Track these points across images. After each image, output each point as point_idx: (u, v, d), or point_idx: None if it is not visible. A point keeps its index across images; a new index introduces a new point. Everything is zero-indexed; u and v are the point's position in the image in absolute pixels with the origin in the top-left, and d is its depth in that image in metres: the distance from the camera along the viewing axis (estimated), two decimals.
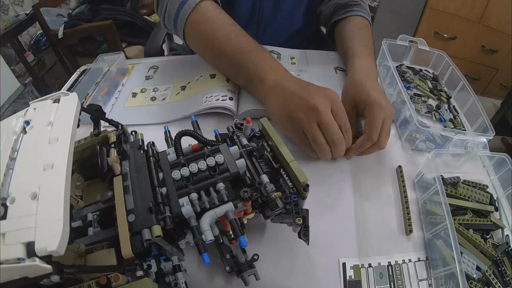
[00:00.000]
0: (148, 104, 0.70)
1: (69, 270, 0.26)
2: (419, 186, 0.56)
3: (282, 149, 0.41)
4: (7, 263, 0.23)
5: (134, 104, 0.71)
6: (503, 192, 0.56)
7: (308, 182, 0.38)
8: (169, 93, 0.72)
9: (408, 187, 0.56)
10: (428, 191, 0.52)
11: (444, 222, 0.44)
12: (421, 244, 0.50)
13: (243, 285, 0.41)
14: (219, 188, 0.37)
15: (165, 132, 0.48)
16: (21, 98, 1.99)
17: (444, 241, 0.45)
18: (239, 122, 0.48)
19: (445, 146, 0.60)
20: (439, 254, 0.45)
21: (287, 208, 0.38)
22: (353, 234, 0.50)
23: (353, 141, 0.56)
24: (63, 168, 0.28)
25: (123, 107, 0.70)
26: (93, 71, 0.76)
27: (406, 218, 0.52)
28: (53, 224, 0.24)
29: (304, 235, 0.39)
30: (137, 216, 0.33)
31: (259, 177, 0.39)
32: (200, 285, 0.44)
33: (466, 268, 0.45)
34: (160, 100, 0.71)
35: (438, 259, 0.46)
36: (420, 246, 0.49)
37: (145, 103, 0.71)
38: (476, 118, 0.64)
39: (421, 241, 0.50)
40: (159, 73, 0.80)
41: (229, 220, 0.35)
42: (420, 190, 0.56)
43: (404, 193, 0.55)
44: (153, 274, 0.34)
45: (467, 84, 0.68)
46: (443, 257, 0.44)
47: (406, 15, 2.02)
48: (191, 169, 0.37)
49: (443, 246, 0.45)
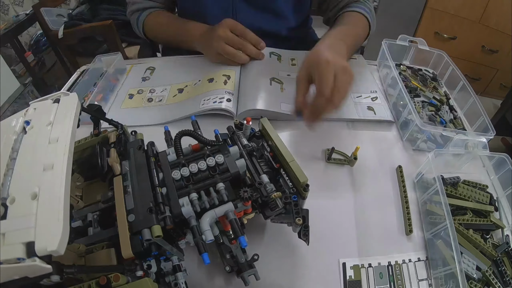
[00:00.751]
0: (145, 106, 0.70)
1: (69, 270, 0.26)
2: (419, 186, 0.56)
3: (282, 149, 0.41)
4: (7, 263, 0.23)
5: (131, 105, 0.71)
6: (503, 192, 0.56)
7: (308, 182, 0.38)
8: (166, 95, 0.72)
9: (409, 187, 0.56)
10: (428, 191, 0.52)
11: (444, 222, 0.44)
12: (421, 244, 0.50)
13: (243, 285, 0.41)
14: (219, 188, 0.37)
15: (165, 132, 0.48)
16: (21, 98, 1.99)
17: (444, 241, 0.45)
18: (239, 122, 0.48)
19: (446, 146, 0.60)
20: (439, 254, 0.45)
21: (287, 208, 0.38)
22: (353, 234, 0.50)
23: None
24: (63, 168, 0.28)
25: (120, 108, 0.70)
26: (92, 71, 0.76)
27: (406, 218, 0.52)
28: (53, 224, 0.24)
29: (304, 235, 0.39)
30: (137, 216, 0.33)
31: (259, 177, 0.39)
32: (200, 285, 0.44)
33: (466, 268, 0.45)
34: (156, 101, 0.71)
35: (438, 259, 0.46)
36: (420, 246, 0.49)
37: (142, 105, 0.71)
38: (476, 118, 0.64)
39: (421, 241, 0.50)
40: (156, 74, 0.80)
41: (229, 220, 0.35)
42: (420, 190, 0.56)
43: (404, 193, 0.55)
44: (153, 274, 0.34)
45: (467, 84, 0.68)
46: (443, 257, 0.44)
47: (406, 15, 2.02)
48: (191, 169, 0.37)
49: (443, 246, 0.45)
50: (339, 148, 0.61)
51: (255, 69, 0.74)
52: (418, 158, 0.62)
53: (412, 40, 0.79)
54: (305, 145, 0.62)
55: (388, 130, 0.67)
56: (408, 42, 0.79)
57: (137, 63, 0.84)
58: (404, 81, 0.75)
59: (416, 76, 0.79)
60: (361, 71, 0.80)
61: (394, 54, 0.75)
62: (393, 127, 0.68)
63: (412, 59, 0.83)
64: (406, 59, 0.83)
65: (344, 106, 0.68)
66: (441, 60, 0.77)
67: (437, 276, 0.45)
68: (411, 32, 2.06)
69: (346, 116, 0.67)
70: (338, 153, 0.61)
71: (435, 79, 0.79)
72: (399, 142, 0.65)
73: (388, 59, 0.72)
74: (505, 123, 1.74)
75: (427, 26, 2.03)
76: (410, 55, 0.82)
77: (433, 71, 0.82)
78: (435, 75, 0.81)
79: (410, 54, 0.82)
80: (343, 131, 0.66)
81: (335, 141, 0.61)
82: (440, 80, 0.79)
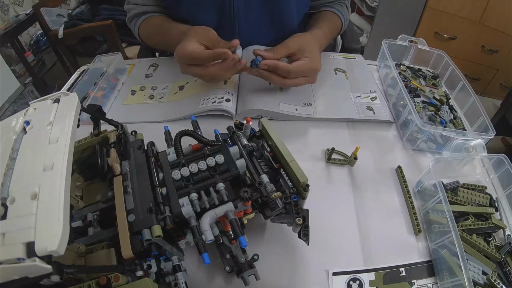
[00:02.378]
0: (146, 102, 0.71)
1: (69, 270, 0.26)
2: (420, 195, 0.56)
3: (282, 149, 0.41)
4: (7, 263, 0.23)
5: (133, 102, 0.71)
6: (503, 192, 0.56)
7: (308, 182, 0.38)
8: (167, 92, 0.73)
9: (410, 187, 0.56)
10: (431, 200, 0.51)
11: (450, 234, 0.43)
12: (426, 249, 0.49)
13: (243, 285, 0.41)
14: (219, 188, 0.37)
15: (165, 132, 0.48)
16: (21, 98, 1.99)
17: (449, 250, 0.44)
18: (239, 122, 0.48)
19: (446, 146, 0.60)
20: (445, 265, 0.45)
21: (287, 208, 0.38)
22: (355, 239, 0.50)
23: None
24: (63, 168, 0.28)
25: (122, 104, 0.71)
26: (92, 71, 0.76)
27: (413, 219, 0.52)
28: (53, 224, 0.24)
29: (304, 235, 0.39)
30: (137, 216, 0.33)
31: (259, 177, 0.39)
32: (200, 285, 0.44)
33: (473, 275, 0.44)
34: (158, 98, 0.71)
35: (444, 269, 0.45)
36: (425, 252, 0.49)
37: (143, 101, 0.71)
38: (476, 118, 0.64)
39: (426, 249, 0.50)
40: (159, 71, 0.81)
41: (229, 220, 0.35)
42: (421, 198, 0.55)
43: (407, 193, 0.55)
44: (153, 274, 0.34)
45: (467, 84, 0.68)
46: (449, 266, 0.44)
47: (406, 15, 2.02)
48: (191, 169, 0.37)
49: (449, 255, 0.44)
50: (339, 148, 0.61)
51: None
52: (418, 158, 0.62)
53: (412, 40, 0.79)
54: (305, 145, 0.62)
55: (388, 130, 0.67)
56: (408, 42, 0.79)
57: (139, 62, 0.84)
58: (404, 81, 0.75)
59: (417, 77, 0.79)
60: (361, 71, 0.80)
61: (394, 54, 0.75)
62: (393, 127, 0.68)
63: (412, 59, 0.83)
64: (406, 59, 0.83)
65: (343, 106, 0.69)
66: (441, 60, 0.77)
67: (445, 287, 0.45)
68: (411, 32, 2.06)
69: (346, 116, 0.67)
70: (338, 153, 0.61)
71: (435, 79, 0.79)
72: (399, 142, 0.65)
73: (388, 59, 0.72)
74: (505, 123, 1.74)
75: (427, 26, 2.02)
76: (410, 55, 0.82)
77: (433, 71, 0.82)
78: (435, 74, 0.81)
79: (410, 54, 0.82)
80: (343, 131, 0.66)
81: (335, 142, 0.61)
82: (440, 80, 0.79)
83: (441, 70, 0.79)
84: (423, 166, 0.60)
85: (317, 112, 0.67)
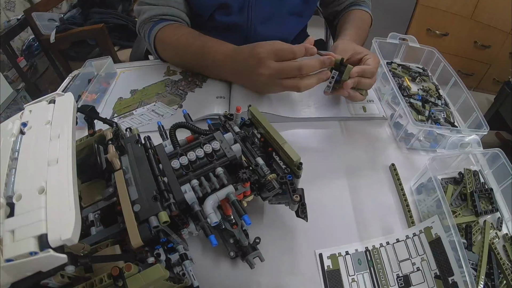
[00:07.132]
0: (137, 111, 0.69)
1: (83, 260, 0.27)
2: (417, 193, 0.56)
3: (273, 133, 0.42)
4: (19, 259, 0.22)
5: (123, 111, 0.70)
6: (498, 186, 0.56)
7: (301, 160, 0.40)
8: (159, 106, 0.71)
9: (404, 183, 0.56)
10: (430, 198, 0.51)
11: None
12: None
13: (248, 269, 0.43)
14: (218, 173, 0.38)
15: (158, 127, 0.48)
16: (14, 104, 1.98)
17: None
18: (228, 113, 0.48)
19: (440, 144, 0.60)
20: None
21: (284, 188, 0.39)
22: (352, 221, 0.52)
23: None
24: (69, 161, 0.28)
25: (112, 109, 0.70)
26: (83, 75, 0.76)
27: (406, 211, 0.52)
28: (65, 214, 0.24)
29: (302, 212, 0.41)
30: (142, 205, 0.33)
31: (255, 160, 0.40)
32: (206, 272, 0.45)
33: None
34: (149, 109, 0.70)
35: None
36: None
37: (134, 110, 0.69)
38: (469, 113, 0.64)
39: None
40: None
41: (231, 201, 0.36)
42: (418, 196, 0.55)
43: (400, 186, 0.55)
44: (163, 261, 0.35)
45: (459, 79, 0.69)
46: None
47: (398, 13, 2.03)
48: (190, 157, 0.38)
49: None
50: (331, 149, 0.61)
51: None
52: (412, 156, 0.62)
53: (402, 38, 0.79)
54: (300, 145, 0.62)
55: (381, 129, 0.67)
56: (399, 40, 0.79)
57: (129, 67, 0.83)
58: (396, 78, 0.75)
59: (408, 75, 0.79)
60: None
61: (385, 52, 0.75)
62: (386, 126, 0.68)
63: (403, 57, 0.83)
64: (397, 57, 0.83)
65: (337, 105, 0.69)
66: (432, 57, 0.78)
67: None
68: (403, 29, 2.07)
69: (339, 114, 0.67)
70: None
71: (426, 76, 0.80)
72: (393, 141, 0.65)
73: (379, 57, 0.72)
74: (499, 117, 1.75)
75: (419, 23, 2.04)
76: (401, 52, 0.82)
77: (423, 67, 0.82)
78: (425, 71, 0.81)
79: (401, 52, 0.82)
80: (336, 129, 0.66)
81: (328, 141, 0.61)
82: (431, 76, 0.80)
83: (432, 66, 0.80)
84: (418, 164, 0.60)
85: (310, 112, 0.67)
